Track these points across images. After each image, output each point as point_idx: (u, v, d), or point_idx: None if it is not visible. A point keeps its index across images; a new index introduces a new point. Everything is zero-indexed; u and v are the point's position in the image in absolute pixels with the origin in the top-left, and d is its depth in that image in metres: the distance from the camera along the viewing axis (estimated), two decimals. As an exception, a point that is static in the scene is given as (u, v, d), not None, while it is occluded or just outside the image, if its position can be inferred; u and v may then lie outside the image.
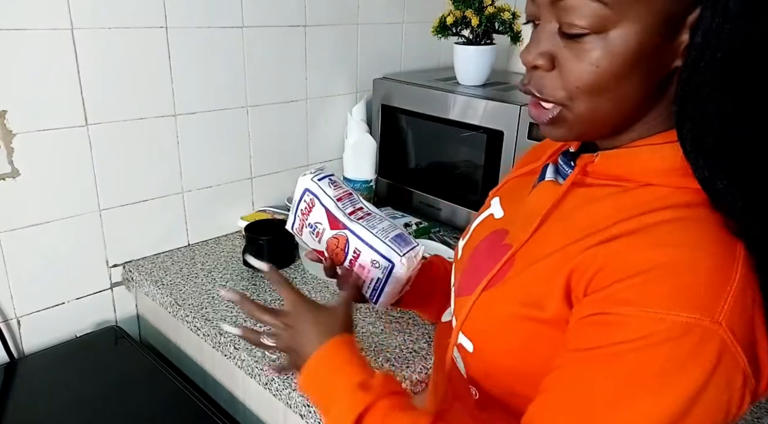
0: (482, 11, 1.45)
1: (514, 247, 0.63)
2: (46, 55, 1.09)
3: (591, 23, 0.51)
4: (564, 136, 0.60)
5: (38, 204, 1.15)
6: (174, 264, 1.32)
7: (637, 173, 0.57)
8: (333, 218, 0.82)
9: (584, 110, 0.55)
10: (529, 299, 0.59)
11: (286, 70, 1.46)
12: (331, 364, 0.66)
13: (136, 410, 1.04)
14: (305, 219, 0.83)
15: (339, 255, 0.81)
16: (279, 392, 0.95)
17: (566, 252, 0.57)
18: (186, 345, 1.23)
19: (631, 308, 0.49)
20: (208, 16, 1.28)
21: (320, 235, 0.82)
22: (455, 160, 1.50)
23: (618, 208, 0.56)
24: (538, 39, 0.56)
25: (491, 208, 0.76)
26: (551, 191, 0.64)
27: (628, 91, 0.54)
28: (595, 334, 0.51)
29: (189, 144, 1.34)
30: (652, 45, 0.51)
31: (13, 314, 1.18)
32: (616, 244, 0.53)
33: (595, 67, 0.52)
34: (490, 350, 0.64)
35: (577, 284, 0.55)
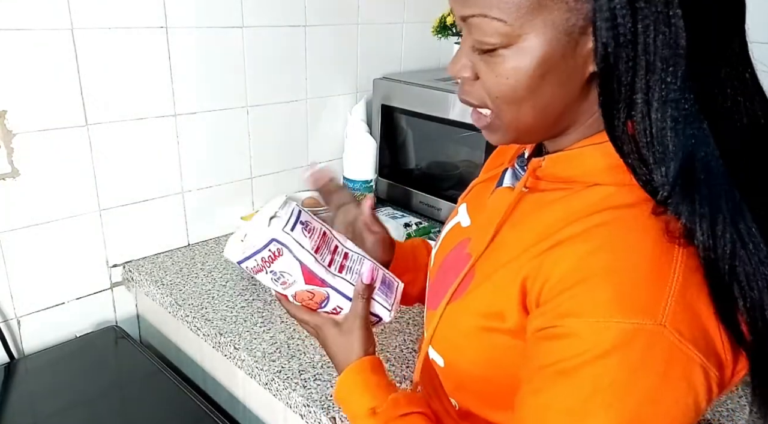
0: (482, 11, 1.45)
1: (473, 257, 0.63)
2: (46, 55, 1.09)
3: (496, 40, 0.53)
4: (501, 140, 0.62)
5: (38, 204, 1.15)
6: (174, 264, 1.32)
7: (583, 174, 0.58)
8: (310, 274, 0.69)
9: (509, 118, 0.57)
10: (490, 310, 0.59)
11: (286, 70, 1.46)
12: (351, 386, 0.69)
13: (136, 410, 1.04)
14: (266, 266, 0.69)
15: (311, 306, 0.72)
16: (279, 392, 0.95)
17: (520, 260, 0.57)
18: (186, 345, 1.23)
19: (575, 320, 0.49)
20: (208, 16, 1.28)
21: (288, 285, 0.70)
22: (455, 160, 1.50)
23: (567, 212, 0.56)
24: (461, 52, 0.59)
25: (459, 215, 0.76)
26: (506, 198, 0.64)
27: (546, 98, 0.55)
28: (549, 349, 0.51)
29: (189, 144, 1.34)
30: (558, 55, 0.52)
31: (13, 314, 1.18)
32: (559, 250, 0.53)
33: (506, 79, 0.54)
34: (460, 364, 0.64)
35: (529, 292, 0.55)
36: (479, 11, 0.53)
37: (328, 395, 0.91)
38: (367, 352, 0.70)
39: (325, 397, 0.91)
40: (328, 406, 0.89)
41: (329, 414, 0.88)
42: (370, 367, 0.69)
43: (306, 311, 0.73)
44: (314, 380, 0.95)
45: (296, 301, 0.73)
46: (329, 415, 0.88)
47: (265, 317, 1.12)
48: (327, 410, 0.88)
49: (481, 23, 0.53)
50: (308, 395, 0.91)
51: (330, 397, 0.91)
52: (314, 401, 0.90)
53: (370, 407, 0.65)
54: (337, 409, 0.89)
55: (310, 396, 0.91)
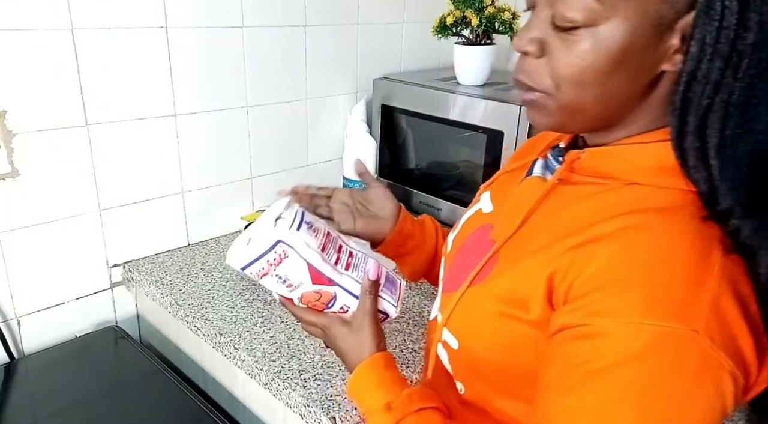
0: (482, 11, 1.45)
1: (497, 243, 0.63)
2: (46, 55, 1.09)
3: (582, 16, 0.52)
4: (546, 123, 0.60)
5: (38, 204, 1.15)
6: (174, 264, 1.32)
7: (623, 171, 0.57)
8: (317, 274, 0.69)
9: (567, 101, 0.56)
10: (512, 297, 0.59)
11: (286, 70, 1.46)
12: (365, 382, 0.70)
13: (136, 410, 1.04)
14: (272, 269, 0.68)
15: (318, 307, 0.72)
16: (279, 392, 0.95)
17: (549, 252, 0.56)
18: (186, 345, 1.23)
19: (607, 319, 0.49)
20: (208, 16, 1.28)
21: (294, 287, 0.70)
22: (455, 160, 1.50)
23: (601, 208, 0.55)
24: (531, 26, 0.57)
25: (480, 202, 0.76)
26: (537, 187, 0.63)
27: (612, 88, 0.54)
28: (578, 348, 0.51)
29: (189, 144, 1.34)
30: (640, 45, 0.51)
31: (13, 314, 1.18)
32: (593, 247, 0.53)
33: (581, 59, 0.53)
34: (474, 347, 0.64)
35: (557, 287, 0.54)
36: None
37: (328, 395, 0.91)
38: (378, 347, 0.71)
39: (325, 397, 0.91)
40: (328, 406, 0.89)
41: (329, 414, 0.88)
42: (383, 363, 0.70)
43: (312, 312, 0.73)
44: (314, 380, 0.95)
45: (302, 304, 0.73)
46: (329, 415, 0.88)
47: (265, 317, 1.12)
48: (327, 410, 0.88)
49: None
50: (308, 395, 0.91)
51: (330, 397, 0.91)
52: (314, 401, 0.90)
53: (385, 402, 0.66)
54: (337, 409, 0.89)
55: (310, 396, 0.91)
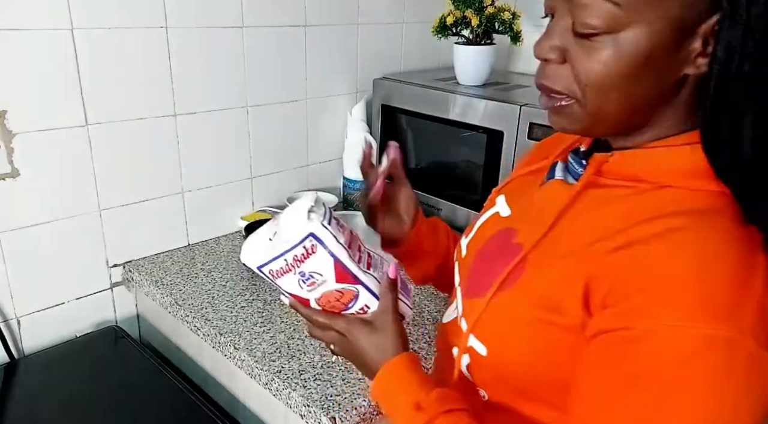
0: (482, 11, 1.45)
1: (525, 247, 0.62)
2: (46, 55, 1.09)
3: (603, 23, 0.52)
4: (570, 128, 0.60)
5: (38, 204, 1.15)
6: (174, 264, 1.32)
7: (654, 174, 0.57)
8: (343, 270, 0.67)
9: (592, 106, 0.56)
10: (545, 302, 0.58)
11: (286, 70, 1.46)
12: (393, 382, 0.67)
13: (136, 410, 1.04)
14: (296, 266, 0.66)
15: (336, 308, 0.69)
16: (279, 392, 0.95)
17: (582, 255, 0.56)
18: (186, 345, 1.23)
19: (653, 322, 0.48)
20: (208, 16, 1.28)
21: (316, 286, 0.67)
22: (455, 160, 1.50)
23: (634, 210, 0.55)
24: (552, 33, 0.57)
25: (496, 206, 0.75)
26: (562, 190, 0.63)
27: (636, 92, 0.54)
28: (622, 352, 0.50)
29: (189, 144, 1.34)
30: (662, 50, 0.51)
31: (13, 314, 1.18)
32: (634, 251, 0.52)
33: (603, 65, 0.53)
34: (505, 354, 0.63)
35: (595, 291, 0.54)
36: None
37: (328, 395, 0.91)
38: (404, 347, 0.69)
39: (325, 397, 0.91)
40: (328, 406, 0.89)
41: (329, 414, 0.88)
42: (410, 362, 0.68)
43: (329, 314, 0.70)
44: (314, 380, 0.95)
45: (319, 305, 0.70)
46: (329, 415, 0.88)
47: (265, 317, 1.12)
48: (327, 410, 0.88)
49: (591, 4, 0.52)
50: (308, 395, 0.91)
51: (330, 397, 0.91)
52: (314, 401, 0.90)
53: (415, 402, 0.64)
54: (336, 409, 0.89)
55: (310, 396, 0.91)
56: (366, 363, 0.69)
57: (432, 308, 1.16)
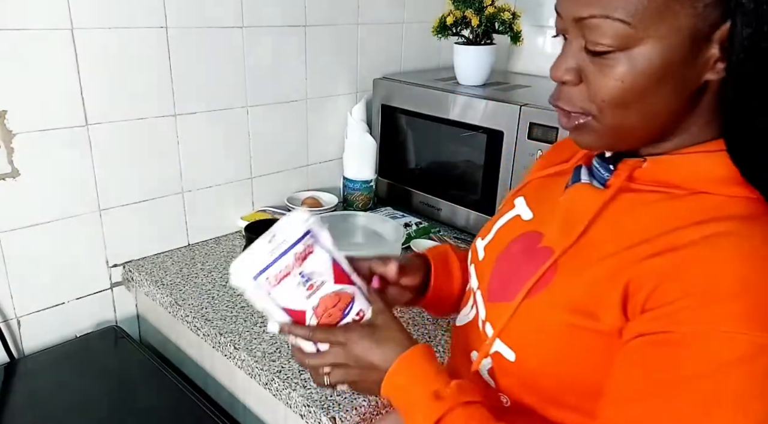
0: (482, 11, 1.45)
1: (557, 251, 0.61)
2: (46, 55, 1.09)
3: (614, 42, 0.52)
4: (592, 145, 0.60)
5: (38, 204, 1.15)
6: (174, 264, 1.32)
7: (689, 180, 0.56)
8: (341, 271, 0.67)
9: (612, 122, 0.56)
10: (578, 307, 0.57)
11: (286, 70, 1.46)
12: (409, 373, 0.65)
13: (136, 410, 1.04)
14: (296, 266, 0.64)
15: (333, 315, 0.67)
16: (279, 392, 0.95)
17: (619, 259, 0.55)
18: (186, 345, 1.23)
19: (698, 327, 0.48)
20: (208, 16, 1.28)
21: (315, 288, 0.66)
22: (455, 160, 1.50)
23: (671, 215, 0.55)
24: (566, 54, 0.57)
25: (516, 208, 0.74)
26: (593, 194, 0.62)
27: (656, 105, 0.54)
28: (663, 356, 0.50)
29: (189, 144, 1.34)
30: (678, 61, 0.52)
31: (13, 314, 1.18)
32: (677, 255, 0.51)
33: (620, 82, 0.53)
34: (534, 359, 0.62)
35: (635, 294, 0.53)
36: (601, 12, 0.52)
37: (328, 395, 0.91)
38: (412, 340, 0.67)
39: (325, 397, 0.91)
40: (328, 406, 0.89)
41: (329, 414, 0.88)
42: (428, 353, 0.66)
43: (327, 328, 0.67)
44: (314, 380, 0.95)
45: (316, 316, 0.67)
46: (329, 415, 0.88)
47: (265, 317, 1.12)
48: (327, 410, 0.88)
49: (600, 24, 0.52)
50: (308, 395, 0.91)
51: (330, 397, 0.91)
52: (314, 401, 0.90)
53: (434, 391, 0.62)
54: (336, 409, 0.89)
55: (310, 396, 0.91)
56: (373, 364, 0.66)
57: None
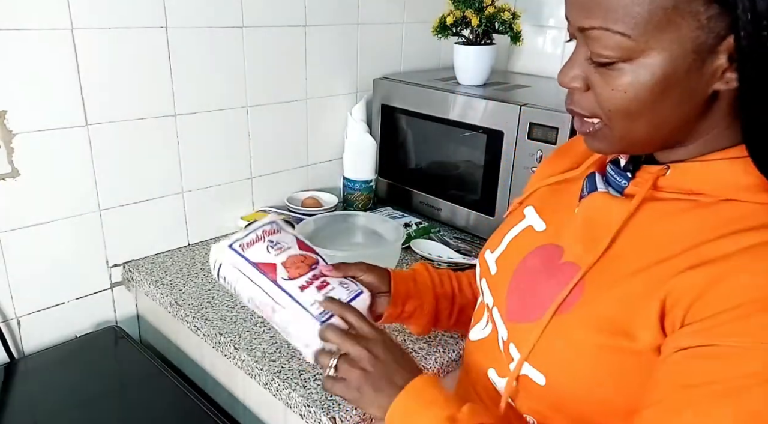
0: (482, 11, 1.45)
1: (583, 268, 0.59)
2: (46, 55, 1.09)
3: (615, 54, 0.52)
4: (607, 150, 0.60)
5: (38, 204, 1.15)
6: (174, 264, 1.32)
7: (715, 188, 0.55)
8: (304, 245, 0.81)
9: (621, 130, 0.56)
10: (611, 326, 0.56)
11: (286, 70, 1.46)
12: (421, 399, 0.64)
13: (136, 410, 1.04)
14: (264, 236, 0.79)
15: (301, 268, 0.77)
16: (279, 392, 0.95)
17: (652, 274, 0.54)
18: (186, 345, 1.23)
19: (744, 340, 0.47)
20: (208, 16, 1.28)
21: (282, 250, 0.78)
22: (455, 160, 1.50)
23: (701, 225, 0.54)
24: (573, 62, 0.57)
25: (527, 219, 0.72)
26: (612, 205, 0.61)
27: (663, 114, 0.53)
28: (708, 367, 0.49)
29: (189, 144, 1.34)
30: (682, 73, 0.51)
31: (13, 314, 1.18)
32: (716, 267, 0.50)
33: (623, 93, 0.53)
34: (567, 382, 0.59)
35: (673, 309, 0.52)
36: (601, 24, 0.51)
37: (328, 395, 0.91)
38: (420, 369, 0.67)
39: (325, 397, 0.91)
40: (328, 406, 0.89)
41: (329, 414, 0.88)
42: (436, 382, 0.66)
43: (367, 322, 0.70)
44: (314, 380, 0.95)
45: (285, 267, 0.76)
46: (329, 415, 0.88)
47: (265, 321, 1.12)
48: (327, 410, 0.88)
49: (601, 36, 0.52)
50: (308, 395, 0.91)
51: (330, 397, 0.91)
52: (314, 401, 0.90)
53: (448, 415, 0.60)
54: (336, 409, 0.89)
55: (310, 396, 0.91)
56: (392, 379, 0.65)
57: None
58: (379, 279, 0.82)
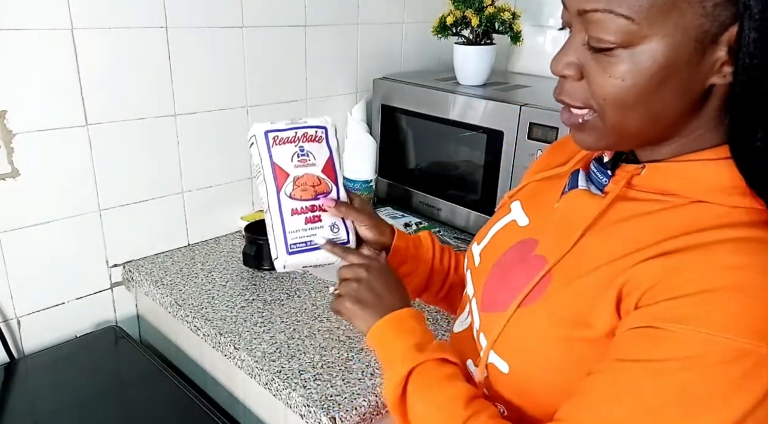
0: (482, 11, 1.45)
1: (551, 261, 0.60)
2: (46, 55, 1.09)
3: (617, 38, 0.50)
4: (593, 144, 0.59)
5: (38, 204, 1.15)
6: (174, 264, 1.32)
7: (690, 189, 0.55)
8: (331, 167, 0.79)
9: (613, 122, 0.54)
10: (572, 317, 0.57)
11: (286, 70, 1.46)
12: (401, 327, 0.70)
13: (136, 410, 1.04)
14: (300, 140, 0.78)
15: (307, 191, 0.78)
16: (279, 392, 0.95)
17: (614, 267, 0.55)
18: (186, 345, 1.23)
19: (684, 326, 0.48)
20: (208, 16, 1.28)
21: (306, 165, 0.78)
22: (455, 160, 1.50)
23: (669, 225, 0.54)
24: (568, 49, 0.55)
25: (512, 213, 0.73)
26: (588, 202, 0.61)
27: (659, 106, 0.52)
28: (645, 346, 0.50)
29: (189, 144, 1.34)
30: (682, 62, 0.50)
31: (13, 314, 1.18)
32: (673, 259, 0.51)
33: (620, 81, 0.51)
34: (530, 371, 0.61)
35: (627, 296, 0.53)
36: (604, 6, 0.50)
37: (328, 395, 0.91)
38: (409, 303, 0.75)
39: (325, 397, 0.91)
40: (328, 406, 0.89)
41: (329, 414, 0.88)
42: (417, 316, 0.72)
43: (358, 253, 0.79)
44: (314, 380, 0.95)
45: (295, 184, 0.77)
46: (329, 415, 0.88)
47: (265, 317, 1.12)
48: (327, 410, 0.88)
49: (603, 19, 0.50)
50: (308, 395, 0.91)
51: (330, 397, 0.91)
52: (314, 401, 0.90)
53: (416, 343, 0.67)
54: (336, 409, 0.89)
55: (310, 396, 0.91)
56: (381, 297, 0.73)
57: (432, 307, 1.16)
58: (377, 235, 0.83)
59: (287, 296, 1.19)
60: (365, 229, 0.82)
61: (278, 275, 1.27)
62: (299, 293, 1.21)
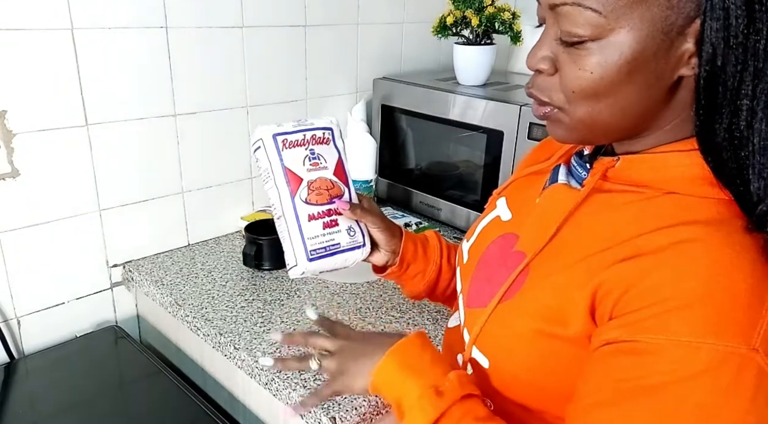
0: (482, 11, 1.45)
1: (528, 256, 0.61)
2: (46, 55, 1.09)
3: (586, 31, 0.51)
4: (565, 138, 0.59)
5: (38, 204, 1.15)
6: (174, 264, 1.32)
7: (662, 181, 0.55)
8: (342, 169, 0.78)
9: (582, 115, 0.55)
10: (548, 313, 0.57)
11: (286, 70, 1.46)
12: (404, 363, 0.64)
13: (136, 410, 1.04)
14: (310, 143, 0.77)
15: (322, 196, 0.76)
16: (279, 392, 0.95)
17: (588, 264, 0.55)
18: (186, 345, 1.23)
19: (662, 337, 0.48)
20: (208, 16, 1.28)
21: (317, 168, 0.76)
22: (455, 160, 1.50)
23: (641, 218, 0.54)
24: (542, 43, 0.56)
25: (497, 209, 0.73)
26: (565, 196, 0.62)
27: (628, 98, 0.53)
28: (627, 364, 0.50)
29: (189, 144, 1.34)
30: (650, 54, 0.51)
31: (13, 314, 1.18)
32: (644, 261, 0.51)
33: (589, 73, 0.52)
34: (508, 366, 0.61)
35: (601, 301, 0.53)
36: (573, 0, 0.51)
37: (328, 395, 0.91)
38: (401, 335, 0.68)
39: (325, 397, 0.91)
40: (328, 406, 0.89)
41: (329, 414, 0.88)
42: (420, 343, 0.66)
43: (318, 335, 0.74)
44: (314, 380, 0.95)
45: (309, 188, 0.75)
46: (329, 415, 0.88)
47: (265, 317, 1.12)
48: (327, 410, 0.88)
49: (572, 12, 0.51)
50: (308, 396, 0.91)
51: (330, 397, 0.91)
52: (314, 401, 0.90)
53: (433, 385, 0.60)
54: (337, 409, 0.88)
55: (310, 396, 0.91)
56: (365, 352, 0.68)
57: (432, 306, 1.16)
58: (389, 238, 0.84)
59: (287, 296, 1.19)
60: (377, 231, 0.83)
61: (278, 275, 1.27)
62: (299, 293, 1.21)
